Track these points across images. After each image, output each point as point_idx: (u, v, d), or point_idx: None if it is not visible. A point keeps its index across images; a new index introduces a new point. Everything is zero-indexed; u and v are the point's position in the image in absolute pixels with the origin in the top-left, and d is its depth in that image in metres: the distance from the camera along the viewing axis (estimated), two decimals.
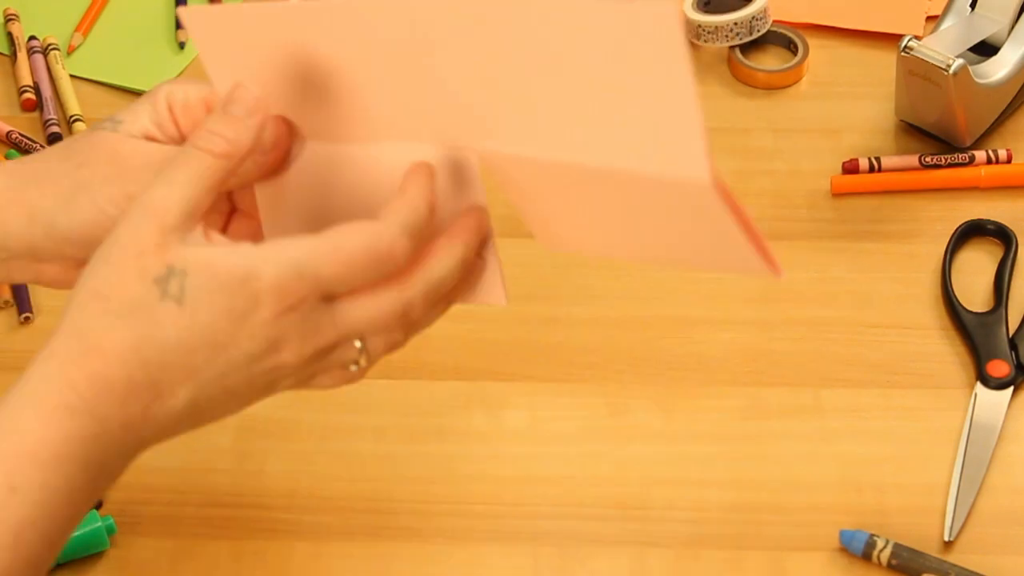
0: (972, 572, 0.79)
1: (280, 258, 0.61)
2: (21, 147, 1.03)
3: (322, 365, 0.65)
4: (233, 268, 0.61)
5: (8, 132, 1.04)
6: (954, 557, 0.80)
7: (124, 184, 0.67)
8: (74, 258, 0.69)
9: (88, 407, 0.60)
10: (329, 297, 0.63)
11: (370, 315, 0.64)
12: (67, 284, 0.69)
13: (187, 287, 0.61)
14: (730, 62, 1.08)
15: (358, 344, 0.64)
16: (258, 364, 0.63)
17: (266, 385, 0.64)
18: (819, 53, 1.09)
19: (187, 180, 0.62)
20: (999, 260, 0.94)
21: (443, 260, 0.65)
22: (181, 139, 0.69)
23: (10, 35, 1.11)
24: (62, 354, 0.61)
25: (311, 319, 0.63)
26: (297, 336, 0.63)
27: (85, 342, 0.61)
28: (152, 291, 0.61)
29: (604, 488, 0.84)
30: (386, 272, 0.63)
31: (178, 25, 1.12)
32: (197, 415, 0.64)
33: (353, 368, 0.66)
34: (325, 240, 0.62)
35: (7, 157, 1.03)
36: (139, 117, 0.69)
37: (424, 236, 0.64)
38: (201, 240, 0.63)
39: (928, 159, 1.00)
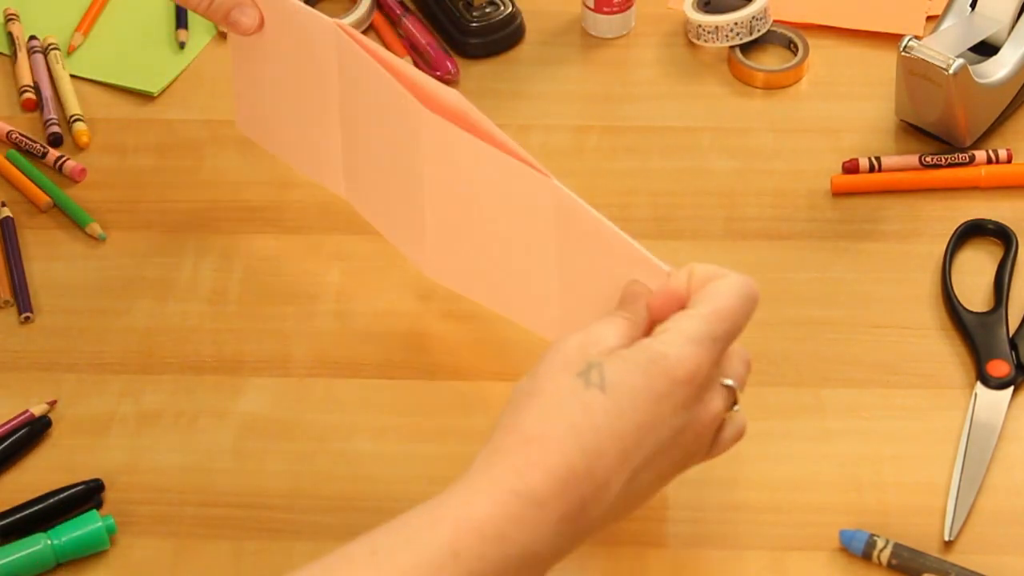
0: (972, 572, 0.79)
1: (677, 335, 0.69)
2: (21, 147, 1.03)
3: (718, 423, 0.72)
4: (640, 352, 0.69)
5: (8, 132, 1.04)
6: (954, 557, 0.80)
7: None
8: None
9: (531, 491, 0.65)
10: (719, 358, 0.71)
11: (742, 359, 0.74)
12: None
13: (606, 374, 0.68)
14: (730, 62, 1.08)
15: (728, 382, 0.73)
16: (682, 436, 0.70)
17: (684, 460, 0.71)
18: (819, 53, 1.09)
19: (616, 328, 0.71)
20: (999, 260, 0.94)
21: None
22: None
23: (10, 35, 1.11)
24: (505, 447, 0.67)
25: (715, 381, 0.71)
26: (713, 397, 0.71)
27: (524, 434, 0.67)
28: (576, 383, 0.68)
29: None
30: (753, 312, 0.72)
31: (178, 25, 1.12)
32: (625, 506, 0.70)
33: (736, 409, 0.74)
34: (706, 306, 0.70)
35: (7, 157, 1.03)
36: None
37: None
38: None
39: (928, 159, 1.00)
